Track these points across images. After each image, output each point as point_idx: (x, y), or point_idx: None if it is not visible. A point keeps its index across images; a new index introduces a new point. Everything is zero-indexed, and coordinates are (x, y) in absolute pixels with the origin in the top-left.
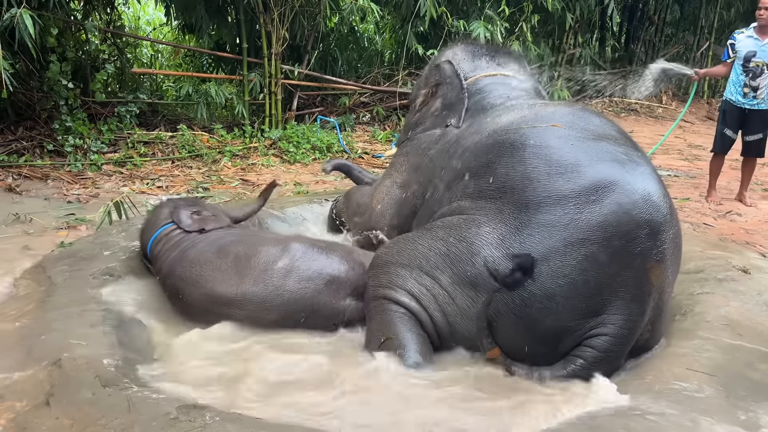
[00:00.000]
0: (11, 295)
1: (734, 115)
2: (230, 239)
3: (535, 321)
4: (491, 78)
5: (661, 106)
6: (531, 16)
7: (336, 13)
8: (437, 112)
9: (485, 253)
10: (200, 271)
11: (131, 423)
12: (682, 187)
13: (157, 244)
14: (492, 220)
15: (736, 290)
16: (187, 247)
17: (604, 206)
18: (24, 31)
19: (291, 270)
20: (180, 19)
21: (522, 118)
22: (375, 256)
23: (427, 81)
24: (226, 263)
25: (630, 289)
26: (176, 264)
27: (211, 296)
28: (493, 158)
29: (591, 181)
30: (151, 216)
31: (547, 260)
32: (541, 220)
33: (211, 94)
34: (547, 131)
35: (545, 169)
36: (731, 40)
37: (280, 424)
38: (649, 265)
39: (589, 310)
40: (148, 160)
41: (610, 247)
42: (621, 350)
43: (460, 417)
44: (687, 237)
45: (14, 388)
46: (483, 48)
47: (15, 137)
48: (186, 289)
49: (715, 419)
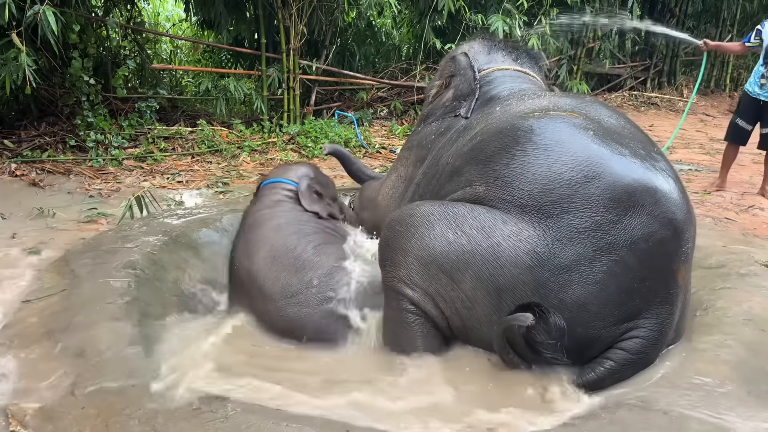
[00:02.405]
0: (36, 288)
1: (750, 106)
2: (308, 232)
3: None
4: (503, 71)
5: (681, 99)
6: (550, 9)
7: (354, 8)
8: (448, 102)
9: (513, 257)
10: (257, 251)
11: (155, 413)
12: (703, 182)
13: (269, 188)
14: (516, 218)
15: (758, 285)
16: (276, 214)
17: (630, 207)
18: (47, 28)
19: (331, 298)
20: (199, 15)
21: (536, 105)
22: (389, 229)
23: (442, 73)
24: (284, 261)
25: (660, 291)
26: (255, 225)
27: (255, 285)
28: (510, 142)
29: (616, 180)
30: (290, 164)
31: (578, 267)
32: (568, 223)
33: (230, 89)
34: (565, 120)
35: (570, 164)
36: (759, 27)
37: (301, 415)
38: (676, 266)
39: (621, 317)
40: (168, 155)
41: (638, 250)
42: (652, 353)
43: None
44: (709, 232)
45: (40, 378)
46: (501, 43)
47: (38, 133)
48: (238, 259)
49: (738, 415)
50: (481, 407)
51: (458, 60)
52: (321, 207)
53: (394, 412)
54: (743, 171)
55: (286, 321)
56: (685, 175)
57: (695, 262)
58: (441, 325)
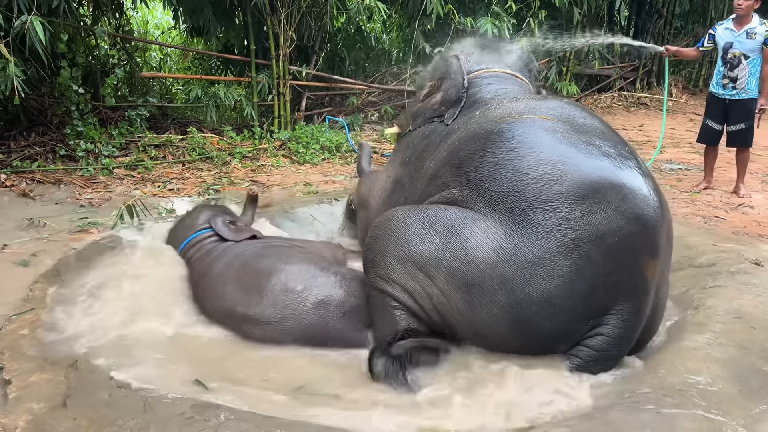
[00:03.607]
0: (27, 299)
1: (716, 107)
2: (255, 253)
3: (532, 324)
4: (492, 74)
5: (671, 99)
6: (538, 12)
7: (343, 13)
8: (436, 106)
9: (480, 254)
10: (223, 288)
11: (147, 423)
12: (693, 181)
13: (190, 248)
14: (485, 216)
15: (749, 283)
16: (217, 257)
17: (595, 204)
18: (35, 38)
19: (309, 296)
20: (188, 23)
21: (511, 109)
22: (370, 235)
23: (434, 73)
24: (248, 281)
25: (625, 287)
26: (204, 275)
27: (230, 314)
28: (482, 146)
29: (582, 178)
30: (186, 218)
31: (543, 262)
32: (534, 220)
33: (220, 96)
34: (536, 123)
35: (536, 164)
36: (711, 31)
37: (293, 422)
38: (644, 261)
39: (587, 312)
40: (159, 163)
41: (603, 245)
42: (618, 350)
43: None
44: (699, 230)
45: (31, 390)
46: (492, 44)
47: (28, 143)
48: (208, 302)
49: (729, 412)
50: (471, 408)
51: (451, 63)
52: (246, 231)
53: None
54: (732, 169)
55: (303, 328)
56: (675, 175)
57: (686, 261)
58: (425, 321)
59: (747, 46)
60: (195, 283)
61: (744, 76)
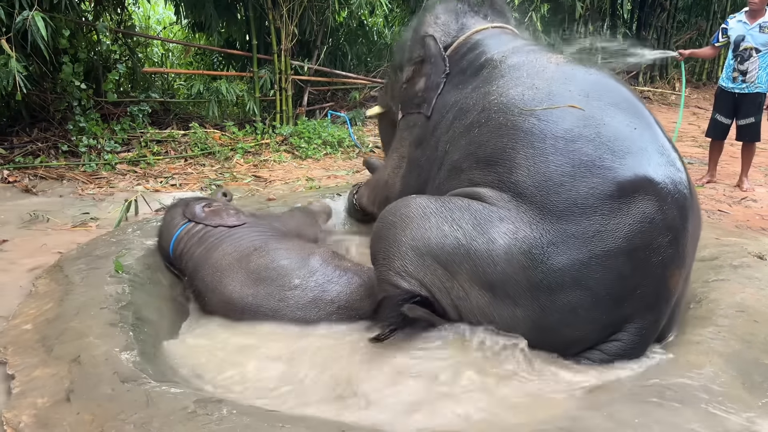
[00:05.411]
0: (30, 294)
1: (726, 101)
2: (251, 242)
3: (552, 330)
4: (483, 32)
5: (674, 93)
6: (540, 6)
7: (345, 8)
8: (421, 93)
9: (508, 256)
10: (220, 277)
11: (150, 417)
12: (696, 174)
13: (179, 243)
14: (515, 218)
15: (751, 277)
16: (212, 245)
17: (630, 215)
18: (36, 33)
19: (307, 287)
20: (189, 18)
21: (534, 87)
22: (382, 221)
23: (411, 54)
24: (245, 271)
25: (648, 298)
26: (200, 266)
27: (228, 304)
28: (512, 145)
29: (617, 187)
30: (165, 220)
31: (572, 272)
32: (567, 230)
33: (222, 91)
34: (566, 119)
35: (569, 170)
36: (724, 25)
37: (295, 416)
38: (670, 272)
39: (609, 322)
40: (162, 158)
41: (635, 259)
42: (631, 356)
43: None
44: (702, 224)
45: (35, 385)
46: (464, 4)
47: (30, 138)
48: (207, 294)
49: (732, 406)
50: (475, 401)
51: (428, 45)
52: (223, 212)
53: (388, 409)
54: (735, 163)
55: (299, 319)
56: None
57: None
58: (439, 315)
59: (759, 40)
60: (191, 278)
61: (754, 70)
